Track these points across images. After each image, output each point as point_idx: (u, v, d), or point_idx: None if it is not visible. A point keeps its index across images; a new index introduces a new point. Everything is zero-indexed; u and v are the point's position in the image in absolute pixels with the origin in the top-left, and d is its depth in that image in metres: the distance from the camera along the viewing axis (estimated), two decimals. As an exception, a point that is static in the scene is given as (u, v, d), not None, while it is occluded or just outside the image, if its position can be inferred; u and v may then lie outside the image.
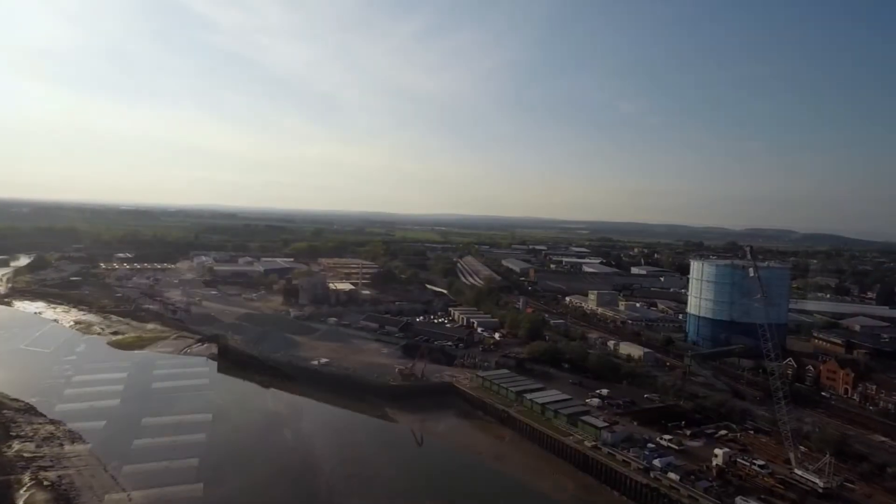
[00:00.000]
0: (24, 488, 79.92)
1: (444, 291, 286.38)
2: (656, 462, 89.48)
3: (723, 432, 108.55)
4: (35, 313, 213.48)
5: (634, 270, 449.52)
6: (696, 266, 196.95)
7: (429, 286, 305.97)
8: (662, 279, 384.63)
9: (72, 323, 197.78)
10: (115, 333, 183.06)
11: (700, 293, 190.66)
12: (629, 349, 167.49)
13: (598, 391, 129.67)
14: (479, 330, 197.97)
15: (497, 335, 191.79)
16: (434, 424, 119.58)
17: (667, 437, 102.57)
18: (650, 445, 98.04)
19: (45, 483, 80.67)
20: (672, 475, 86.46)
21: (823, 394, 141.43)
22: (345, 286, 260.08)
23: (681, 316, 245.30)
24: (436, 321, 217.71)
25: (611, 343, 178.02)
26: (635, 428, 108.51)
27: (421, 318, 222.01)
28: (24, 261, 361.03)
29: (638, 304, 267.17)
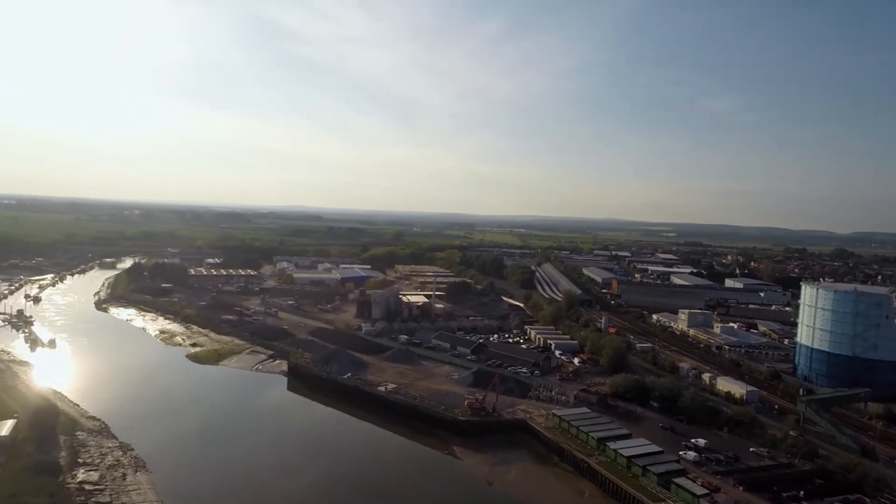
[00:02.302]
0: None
1: (521, 305, 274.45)
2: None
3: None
4: (126, 321, 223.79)
5: (729, 283, 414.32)
6: (809, 291, 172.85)
7: (505, 298, 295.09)
8: (762, 294, 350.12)
9: (157, 332, 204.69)
10: (194, 345, 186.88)
11: (814, 322, 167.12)
12: (729, 386, 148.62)
13: (693, 441, 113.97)
14: (557, 353, 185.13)
15: (576, 360, 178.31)
16: (504, 469, 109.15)
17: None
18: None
19: (99, 525, 78.38)
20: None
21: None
22: (418, 299, 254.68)
23: (787, 341, 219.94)
24: (510, 340, 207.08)
25: (706, 376, 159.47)
26: (741, 494, 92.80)
27: (495, 336, 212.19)
28: (128, 263, 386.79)
29: (735, 326, 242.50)
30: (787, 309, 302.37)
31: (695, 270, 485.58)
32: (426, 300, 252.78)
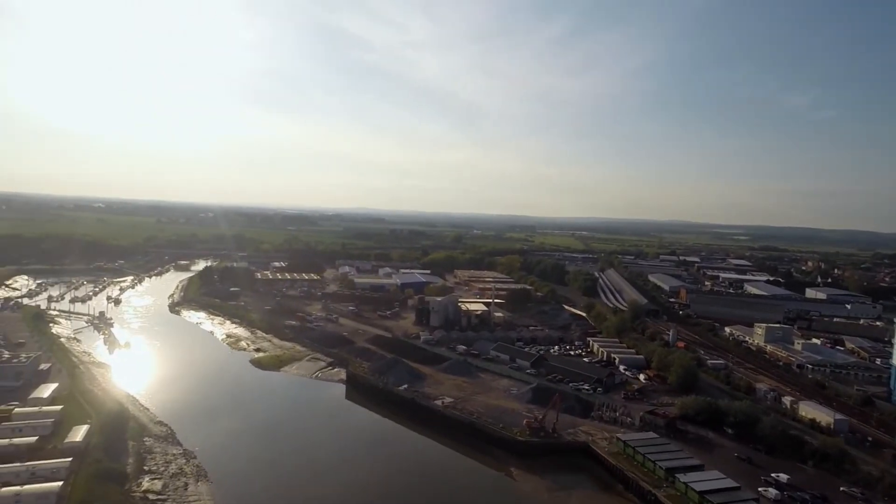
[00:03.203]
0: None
1: (583, 314, 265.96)
2: None
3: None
4: (196, 324, 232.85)
5: (810, 293, 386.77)
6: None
7: (566, 307, 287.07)
8: (849, 307, 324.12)
9: (224, 336, 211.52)
10: (257, 350, 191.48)
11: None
12: (813, 412, 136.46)
13: (774, 475, 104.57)
14: (622, 368, 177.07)
15: (642, 377, 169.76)
16: (564, 495, 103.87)
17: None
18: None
19: (159, 538, 79.89)
20: None
21: None
22: (477, 307, 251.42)
23: (878, 361, 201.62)
24: (572, 353, 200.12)
25: (787, 400, 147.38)
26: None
27: (556, 347, 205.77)
28: (201, 265, 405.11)
29: (818, 342, 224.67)
30: (878, 324, 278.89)
31: (771, 278, 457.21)
32: (485, 308, 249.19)
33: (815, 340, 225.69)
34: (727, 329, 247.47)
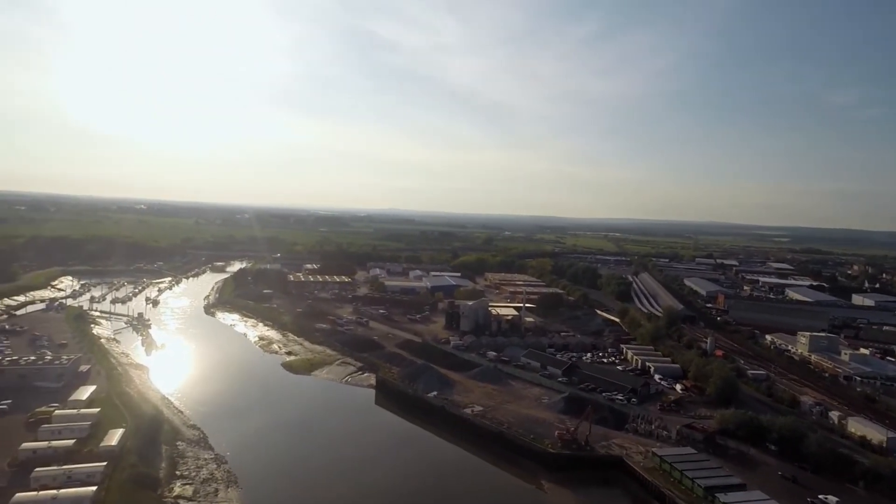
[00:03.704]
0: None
1: (617, 320, 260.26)
2: None
3: None
4: (230, 325, 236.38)
5: (857, 299, 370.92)
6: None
7: (599, 312, 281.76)
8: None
9: (256, 338, 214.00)
10: (289, 354, 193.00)
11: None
12: (864, 429, 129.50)
13: (822, 497, 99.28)
14: (657, 378, 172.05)
15: (678, 387, 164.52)
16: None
17: None
18: None
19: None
20: None
21: None
22: (507, 312, 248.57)
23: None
24: (605, 360, 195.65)
25: (834, 415, 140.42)
26: (884, 573, 78.85)
27: (588, 354, 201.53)
28: (236, 266, 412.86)
29: (867, 352, 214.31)
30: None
31: (815, 283, 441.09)
32: (516, 313, 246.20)
33: (863, 350, 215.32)
34: (768, 337, 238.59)
